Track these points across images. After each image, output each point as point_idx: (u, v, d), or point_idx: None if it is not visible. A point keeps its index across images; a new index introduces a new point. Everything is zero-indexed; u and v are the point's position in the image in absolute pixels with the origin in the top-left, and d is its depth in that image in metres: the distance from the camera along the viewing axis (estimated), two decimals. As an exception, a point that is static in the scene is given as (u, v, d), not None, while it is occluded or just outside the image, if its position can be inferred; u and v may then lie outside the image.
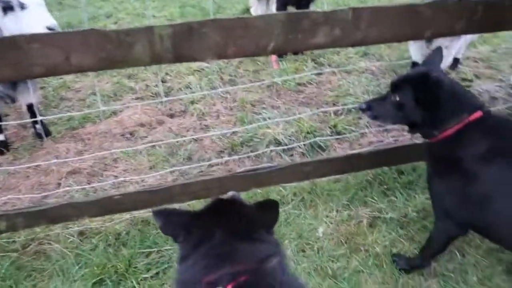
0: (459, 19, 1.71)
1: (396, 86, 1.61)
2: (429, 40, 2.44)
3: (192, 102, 3.09)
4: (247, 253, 1.03)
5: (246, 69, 3.60)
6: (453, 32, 1.77)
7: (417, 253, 1.82)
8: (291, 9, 3.67)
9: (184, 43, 1.42)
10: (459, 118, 1.49)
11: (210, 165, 2.48)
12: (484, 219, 1.48)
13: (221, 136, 2.70)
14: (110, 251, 1.84)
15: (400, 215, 2.06)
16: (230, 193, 1.30)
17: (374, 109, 1.69)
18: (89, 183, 2.33)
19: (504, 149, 1.42)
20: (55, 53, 1.31)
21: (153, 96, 3.23)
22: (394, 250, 1.90)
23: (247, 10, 4.75)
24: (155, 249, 1.87)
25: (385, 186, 2.23)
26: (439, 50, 1.62)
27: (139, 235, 1.93)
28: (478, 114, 1.48)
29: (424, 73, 1.51)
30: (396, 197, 2.16)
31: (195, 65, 3.58)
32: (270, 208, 1.13)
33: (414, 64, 3.09)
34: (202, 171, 2.43)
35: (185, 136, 2.73)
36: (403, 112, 1.60)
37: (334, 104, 3.06)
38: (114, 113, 3.02)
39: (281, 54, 3.72)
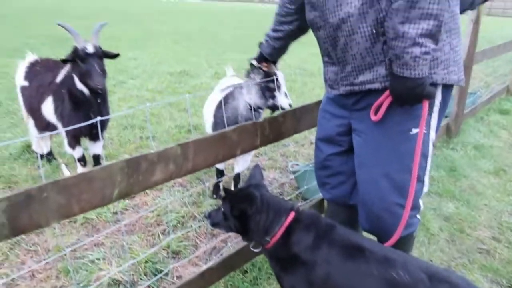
0: (255, 136, 2.16)
1: (223, 198, 1.86)
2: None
3: (-9, 268, 2.56)
4: None
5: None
6: (255, 147, 2.19)
7: None
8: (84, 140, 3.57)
9: (23, 214, 1.29)
10: (280, 223, 1.75)
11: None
12: None
13: (45, 298, 2.32)
14: None
15: (260, 310, 2.23)
16: None
17: (211, 217, 1.89)
18: None
19: (324, 235, 1.74)
20: None
21: None
22: None
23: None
24: None
25: (237, 289, 2.38)
26: (257, 167, 1.96)
27: None
28: (292, 214, 1.78)
29: (242, 189, 1.80)
30: (250, 295, 2.33)
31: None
32: None
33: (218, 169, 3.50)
34: None
35: (-5, 314, 2.21)
36: (228, 222, 1.82)
37: (158, 224, 3.09)
38: None
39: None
